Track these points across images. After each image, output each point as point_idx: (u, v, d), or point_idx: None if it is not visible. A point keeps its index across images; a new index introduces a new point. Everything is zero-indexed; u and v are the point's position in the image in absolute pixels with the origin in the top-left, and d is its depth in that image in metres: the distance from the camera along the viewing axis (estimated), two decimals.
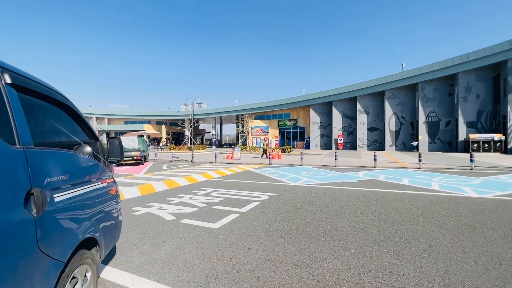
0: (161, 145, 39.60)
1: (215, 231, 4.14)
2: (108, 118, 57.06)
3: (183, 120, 38.68)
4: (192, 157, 19.24)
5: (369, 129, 32.85)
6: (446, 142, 27.43)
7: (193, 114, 44.96)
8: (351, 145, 34.67)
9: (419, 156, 12.97)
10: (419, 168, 12.60)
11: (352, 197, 6.44)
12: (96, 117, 56.86)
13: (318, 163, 15.93)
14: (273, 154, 20.75)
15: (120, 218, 2.88)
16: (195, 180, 9.61)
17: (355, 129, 34.03)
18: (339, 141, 34.37)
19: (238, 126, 44.85)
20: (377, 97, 32.49)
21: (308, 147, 38.03)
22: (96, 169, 2.41)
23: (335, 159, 14.40)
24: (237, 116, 44.99)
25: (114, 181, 2.88)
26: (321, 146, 37.04)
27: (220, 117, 54.30)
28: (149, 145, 22.38)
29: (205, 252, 3.34)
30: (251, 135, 42.68)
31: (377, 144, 32.56)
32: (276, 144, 40.82)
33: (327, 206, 5.58)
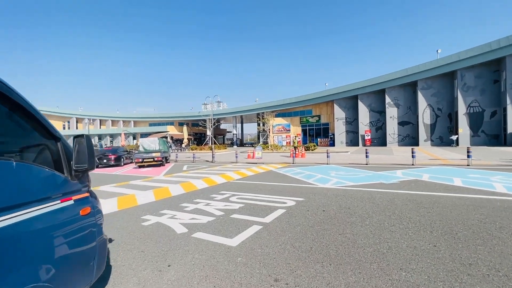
0: (183, 145, 40.00)
1: (232, 250, 3.34)
2: (134, 121, 59.15)
3: (204, 121, 38.70)
4: (212, 157, 18.78)
5: (400, 123, 30.43)
6: (492, 135, 24.44)
7: (214, 114, 45.02)
8: (380, 141, 32.42)
9: (468, 152, 11.25)
10: (468, 165, 10.92)
11: (398, 203, 5.33)
12: (123, 120, 59.21)
13: (346, 161, 14.64)
14: (297, 152, 19.70)
15: (100, 243, 2.17)
16: (214, 182, 8.95)
17: (384, 123, 31.75)
18: (366, 137, 32.28)
19: (259, 125, 44.07)
20: (409, 88, 29.97)
21: (332, 144, 36.28)
22: (52, 183, 1.70)
23: (366, 156, 13.06)
24: (258, 114, 44.24)
25: (91, 196, 2.16)
26: (346, 143, 35.13)
27: (241, 116, 53.98)
28: (170, 146, 22.34)
29: (218, 283, 2.55)
30: (272, 133, 41.73)
31: (410, 139, 30.06)
32: (298, 142, 39.47)
33: (369, 216, 4.56)
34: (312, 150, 25.49)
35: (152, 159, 15.93)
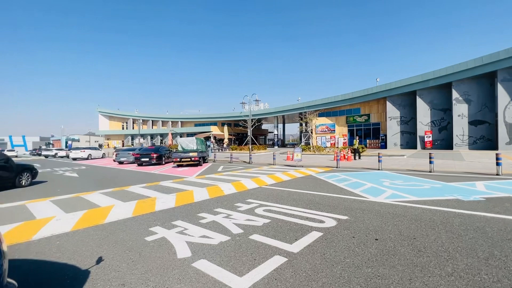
0: (224, 145, 40.53)
1: None
2: (181, 121, 62.69)
3: (245, 121, 38.54)
4: (249, 158, 18.06)
5: (472, 123, 25.57)
6: None
7: (254, 114, 44.71)
8: (444, 143, 27.83)
9: None
10: None
11: (493, 236, 3.63)
12: (172, 121, 63.23)
13: (402, 167, 12.36)
14: (341, 154, 17.74)
15: None
16: (244, 187, 8.05)
17: (450, 123, 27.12)
18: (426, 139, 28.02)
19: (301, 125, 42.21)
20: (484, 80, 24.98)
21: (384, 147, 32.55)
22: None
23: (430, 161, 10.71)
24: (300, 114, 42.42)
25: None
26: (401, 145, 31.11)
27: (283, 116, 52.73)
28: (209, 146, 22.40)
29: None
30: (315, 133, 39.48)
31: (484, 141, 25.04)
32: (344, 143, 36.61)
33: (451, 256, 3.06)
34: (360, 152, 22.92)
35: (189, 159, 15.89)
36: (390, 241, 3.54)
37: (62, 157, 35.81)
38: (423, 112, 28.89)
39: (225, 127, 38.23)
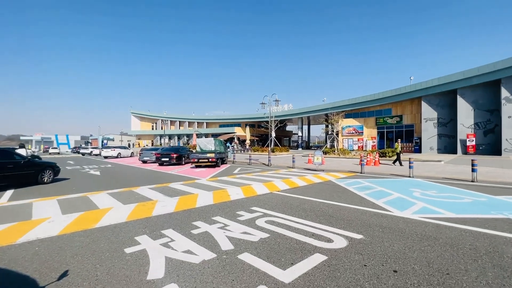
0: (247, 146, 40.34)
1: None
2: (206, 122, 63.92)
3: (267, 122, 37.96)
4: (268, 160, 17.44)
5: None
6: None
7: (278, 115, 43.94)
8: (490, 148, 24.70)
9: None
10: None
11: None
12: (197, 122, 64.76)
13: (438, 175, 10.89)
14: (368, 158, 16.39)
15: None
16: (253, 192, 7.49)
17: (498, 125, 23.99)
18: (469, 143, 25.10)
19: (327, 126, 40.52)
20: None
21: (418, 151, 29.89)
22: None
23: (473, 169, 9.23)
24: (326, 115, 40.77)
25: None
26: (438, 149, 28.30)
27: (308, 117, 51.24)
28: (228, 147, 22.18)
29: None
30: (342, 136, 37.61)
31: None
32: (373, 146, 34.38)
33: None
34: (389, 156, 21.16)
35: (206, 160, 15.72)
36: (414, 275, 2.74)
37: (96, 155, 38.17)
38: (465, 113, 25.94)
39: (247, 128, 38.02)
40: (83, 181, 10.54)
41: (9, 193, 7.88)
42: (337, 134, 31.60)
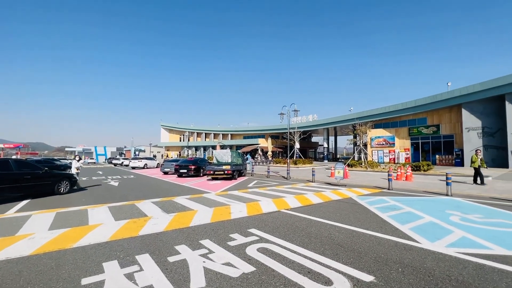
0: (269, 158, 39.61)
1: None
2: (231, 134, 64.63)
3: (290, 133, 37.06)
4: (287, 173, 16.55)
5: None
6: None
7: (301, 127, 42.79)
8: None
9: None
10: None
11: None
12: (222, 134, 65.76)
13: (484, 193, 9.22)
14: (398, 173, 14.78)
15: None
16: (259, 210, 6.78)
17: None
18: None
19: (355, 137, 38.38)
20: None
21: (460, 164, 26.72)
22: None
23: None
24: (353, 125, 38.75)
25: None
26: (485, 162, 24.91)
27: (334, 128, 49.32)
28: (247, 158, 21.68)
29: None
30: (371, 147, 35.25)
31: None
32: (406, 159, 31.61)
33: None
34: (424, 170, 19.02)
35: (222, 172, 15.33)
36: None
37: (126, 165, 40.14)
38: None
39: (269, 140, 37.38)
40: (97, 193, 10.66)
41: (23, 203, 8.09)
42: (365, 146, 29.59)
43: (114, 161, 45.31)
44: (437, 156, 29.61)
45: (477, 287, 2.79)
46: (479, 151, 12.57)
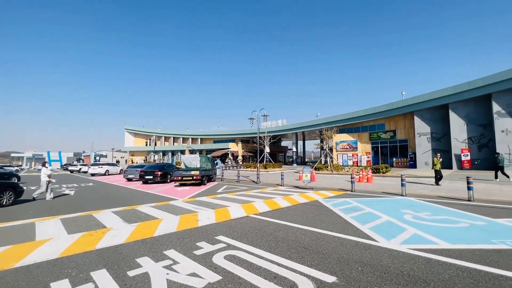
0: (240, 162, 39.55)
1: None
2: (201, 138, 63.31)
3: (261, 138, 37.47)
4: (257, 177, 16.66)
5: None
6: None
7: (270, 131, 43.57)
8: (485, 163, 24.19)
9: None
10: None
11: None
12: (191, 138, 64.13)
13: (433, 193, 10.21)
14: (360, 175, 15.72)
15: None
16: (227, 216, 6.70)
17: (492, 140, 23.65)
18: (463, 158, 24.66)
19: (321, 141, 40.11)
20: None
21: (413, 166, 29.33)
22: None
23: (469, 187, 8.57)
24: (320, 130, 40.45)
25: None
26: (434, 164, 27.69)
27: (303, 133, 50.96)
28: (217, 163, 21.40)
29: None
30: (336, 151, 37.09)
31: None
32: (367, 161, 33.79)
33: None
34: (383, 173, 20.53)
35: (191, 178, 14.90)
36: None
37: (85, 172, 36.98)
38: (458, 128, 25.68)
39: (239, 144, 37.47)
40: (48, 203, 9.63)
41: None
42: (330, 150, 31.06)
43: (70, 168, 41.51)
44: (394, 159, 32.16)
45: (425, 280, 3.06)
46: (439, 154, 13.89)
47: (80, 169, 39.17)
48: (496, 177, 14.86)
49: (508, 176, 14.64)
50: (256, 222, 6.13)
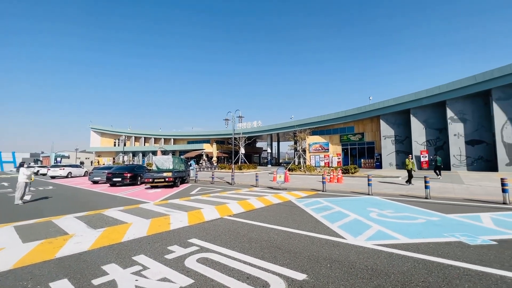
0: (214, 164, 39.08)
1: None
2: (174, 139, 61.45)
3: (235, 139, 37.39)
4: (231, 179, 16.61)
5: (469, 143, 24.51)
6: None
7: (246, 132, 43.70)
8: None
9: None
10: None
11: None
12: (164, 138, 61.99)
13: (396, 191, 10.99)
14: (331, 176, 16.39)
15: None
16: (201, 218, 6.61)
17: (446, 142, 26.07)
18: (422, 159, 26.85)
19: (295, 143, 41.10)
20: (479, 99, 24.29)
21: (379, 166, 31.25)
22: None
23: (426, 187, 9.37)
24: (294, 132, 41.44)
25: None
26: (397, 165, 29.83)
27: (277, 134, 51.76)
28: (191, 165, 20.96)
29: None
30: (309, 152, 38.25)
31: (483, 162, 23.84)
32: (338, 162, 35.30)
33: None
34: (352, 173, 21.61)
35: (163, 179, 14.41)
36: None
37: (44, 174, 33.92)
38: (418, 131, 27.93)
39: (214, 145, 37.07)
40: None
41: None
42: (303, 151, 31.97)
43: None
44: (362, 160, 33.99)
45: (387, 272, 3.31)
46: (410, 156, 14.71)
47: (38, 171, 35.85)
48: (438, 174, 16.89)
49: (439, 175, 16.75)
50: (230, 223, 6.13)
